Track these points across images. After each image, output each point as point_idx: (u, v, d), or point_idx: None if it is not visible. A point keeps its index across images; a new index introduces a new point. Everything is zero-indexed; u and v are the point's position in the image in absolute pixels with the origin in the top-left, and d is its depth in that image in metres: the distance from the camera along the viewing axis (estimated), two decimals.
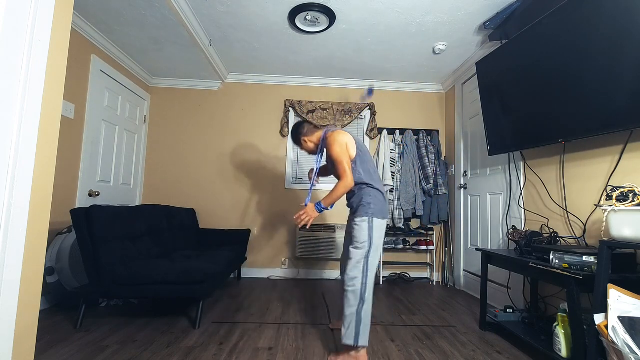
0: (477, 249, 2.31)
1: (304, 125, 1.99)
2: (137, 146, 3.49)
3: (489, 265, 2.13)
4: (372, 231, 1.68)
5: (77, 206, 2.61)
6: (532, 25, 2.02)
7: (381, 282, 3.39)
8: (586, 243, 1.86)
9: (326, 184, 3.32)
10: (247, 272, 3.54)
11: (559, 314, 1.62)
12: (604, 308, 1.31)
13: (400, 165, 3.57)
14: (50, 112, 1.03)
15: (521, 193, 2.46)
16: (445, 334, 2.03)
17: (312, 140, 1.97)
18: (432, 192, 3.48)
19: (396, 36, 2.79)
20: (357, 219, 1.71)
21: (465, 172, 3.31)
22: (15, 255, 0.92)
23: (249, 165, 3.68)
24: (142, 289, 1.98)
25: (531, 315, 2.01)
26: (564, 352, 1.56)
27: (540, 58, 1.99)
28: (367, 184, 1.77)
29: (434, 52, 3.02)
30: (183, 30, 2.62)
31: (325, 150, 1.90)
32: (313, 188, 2.06)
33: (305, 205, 1.76)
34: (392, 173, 3.54)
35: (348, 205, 1.88)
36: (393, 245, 3.50)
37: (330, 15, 2.49)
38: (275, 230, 3.61)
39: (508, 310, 2.06)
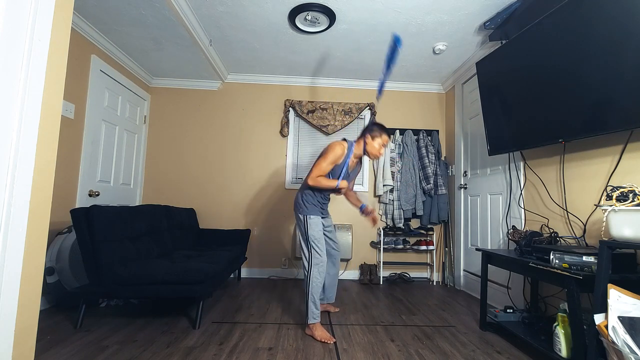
0: (477, 249, 2.31)
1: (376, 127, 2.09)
2: (137, 146, 3.48)
3: (489, 265, 2.13)
4: None
5: (77, 206, 2.61)
6: (532, 25, 2.01)
7: (381, 282, 3.39)
8: (586, 243, 1.86)
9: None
10: (247, 272, 3.54)
11: (559, 314, 1.62)
12: (604, 308, 1.30)
13: (400, 165, 3.57)
14: (50, 112, 1.03)
15: (521, 193, 2.46)
16: (445, 334, 2.03)
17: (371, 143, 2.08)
18: (432, 192, 3.48)
19: None
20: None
21: (465, 172, 3.31)
22: (15, 255, 0.92)
23: (249, 165, 3.68)
24: (142, 289, 1.98)
25: (531, 315, 2.00)
26: (564, 352, 1.56)
27: (540, 58, 1.99)
28: None
29: (434, 52, 3.02)
30: (183, 30, 2.62)
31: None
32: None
33: (363, 208, 2.19)
34: (392, 173, 3.54)
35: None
36: (393, 245, 3.50)
37: (330, 15, 2.49)
38: (275, 230, 3.61)
39: (508, 310, 2.06)
